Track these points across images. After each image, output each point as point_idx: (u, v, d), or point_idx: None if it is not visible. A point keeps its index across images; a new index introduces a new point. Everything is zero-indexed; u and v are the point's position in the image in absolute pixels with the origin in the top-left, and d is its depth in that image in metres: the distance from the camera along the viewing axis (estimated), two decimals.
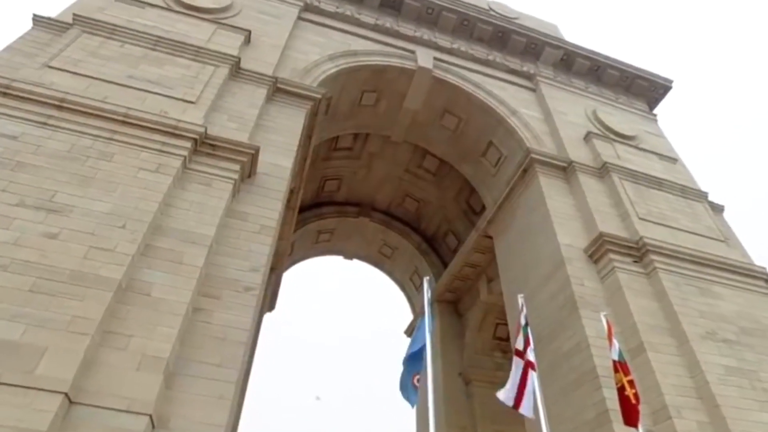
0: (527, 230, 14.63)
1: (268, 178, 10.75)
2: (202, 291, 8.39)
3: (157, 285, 7.77)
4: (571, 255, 12.64)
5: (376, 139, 20.31)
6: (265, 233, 9.73)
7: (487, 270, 18.92)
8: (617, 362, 7.95)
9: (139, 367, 6.86)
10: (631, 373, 7.86)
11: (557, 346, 11.73)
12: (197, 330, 7.94)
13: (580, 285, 11.97)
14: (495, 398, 18.15)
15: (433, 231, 22.86)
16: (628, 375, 7.61)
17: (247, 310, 8.53)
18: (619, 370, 7.80)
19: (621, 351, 8.25)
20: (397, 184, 22.20)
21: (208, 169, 9.80)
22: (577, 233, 13.37)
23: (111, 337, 7.00)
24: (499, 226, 16.45)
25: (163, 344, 7.18)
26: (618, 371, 7.80)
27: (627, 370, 7.72)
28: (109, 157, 8.92)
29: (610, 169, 15.10)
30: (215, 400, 7.33)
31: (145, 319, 7.34)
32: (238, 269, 8.95)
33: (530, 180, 15.21)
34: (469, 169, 18.77)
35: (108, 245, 7.66)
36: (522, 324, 8.33)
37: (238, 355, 7.92)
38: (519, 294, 13.97)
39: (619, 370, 7.77)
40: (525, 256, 14.34)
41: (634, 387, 7.54)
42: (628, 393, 7.39)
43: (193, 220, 8.82)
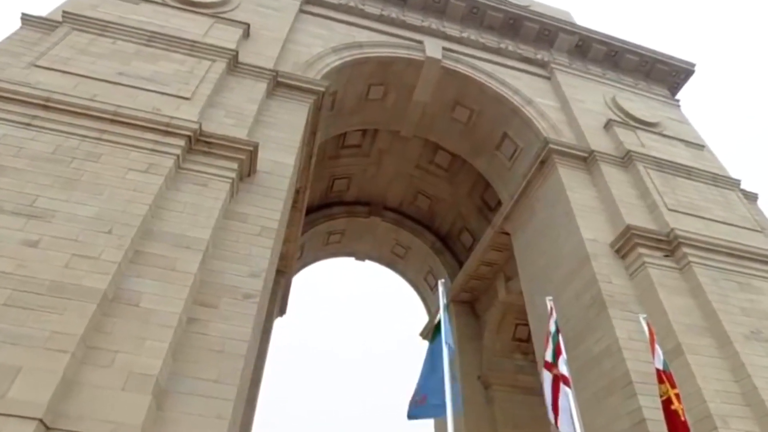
0: (547, 225, 13.77)
1: (269, 176, 10.08)
2: (198, 299, 7.73)
3: (147, 294, 7.12)
4: (596, 250, 11.76)
5: (385, 135, 19.58)
6: (267, 235, 9.04)
7: (505, 268, 18.06)
8: (662, 371, 7.07)
9: (126, 386, 6.21)
10: (677, 385, 6.95)
11: (585, 349, 10.87)
12: (192, 342, 7.27)
13: (608, 282, 11.10)
14: (516, 402, 17.46)
15: (447, 229, 22.05)
16: (675, 387, 6.73)
17: (247, 319, 7.84)
18: (664, 380, 6.93)
19: (665, 359, 7.36)
20: (409, 182, 21.43)
21: (204, 168, 9.15)
22: (602, 227, 12.49)
23: (94, 354, 6.36)
24: (517, 222, 15.59)
25: (152, 360, 6.52)
26: (663, 382, 6.93)
27: (673, 382, 6.84)
28: (96, 157, 8.31)
29: (634, 157, 14.17)
30: (212, 420, 6.66)
31: (133, 333, 6.69)
32: (236, 275, 8.27)
33: (549, 172, 14.34)
34: (483, 163, 17.93)
35: (92, 252, 7.03)
36: (551, 331, 7.47)
37: (237, 369, 7.24)
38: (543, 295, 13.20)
39: (665, 381, 6.89)
40: (546, 253, 13.48)
41: (681, 401, 6.64)
42: (676, 407, 6.51)
43: (187, 222, 8.16)
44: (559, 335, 7.39)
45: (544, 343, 7.52)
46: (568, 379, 6.74)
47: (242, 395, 7.95)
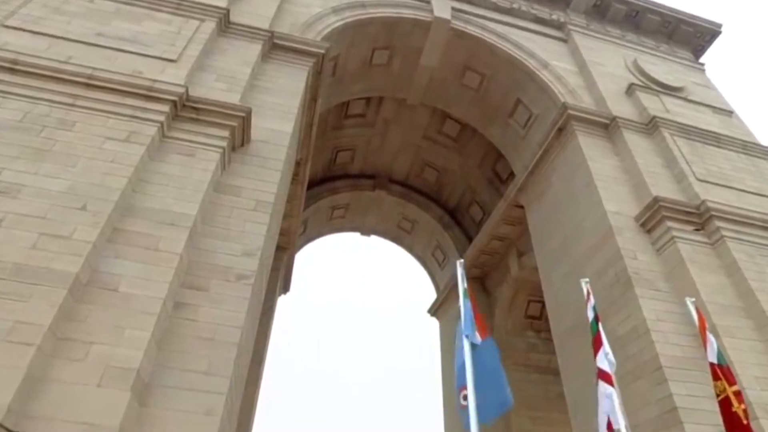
0: (566, 197, 12.86)
1: (264, 145, 9.19)
2: (185, 282, 6.97)
3: (127, 278, 6.35)
4: (620, 224, 10.88)
5: (391, 104, 18.53)
6: (262, 210, 8.22)
7: (518, 243, 17.23)
8: (717, 366, 6.24)
9: (102, 382, 5.50)
10: (737, 382, 6.12)
11: (609, 331, 9.98)
12: (179, 330, 6.54)
13: (633, 259, 10.25)
14: (529, 382, 16.84)
15: (456, 202, 21.16)
16: (734, 383, 5.92)
17: (241, 303, 7.08)
18: (720, 376, 6.11)
19: (721, 352, 6.52)
20: (416, 153, 20.47)
21: (192, 136, 8.27)
22: (626, 199, 11.57)
23: (66, 346, 5.63)
24: (532, 194, 14.68)
25: (132, 351, 5.80)
26: (719, 378, 6.11)
27: (732, 378, 6.02)
28: (69, 126, 7.45)
29: (660, 124, 13.15)
30: (202, 417, 5.96)
31: (111, 321, 5.96)
32: (229, 254, 7.49)
33: (567, 140, 13.35)
34: (495, 132, 16.92)
35: (63, 231, 6.25)
36: (590, 317, 6.60)
37: (229, 358, 6.51)
38: (560, 271, 12.44)
39: (721, 377, 6.08)
40: (564, 227, 12.61)
41: (742, 401, 5.83)
42: (736, 409, 5.70)
43: (172, 197, 7.34)
44: (599, 324, 6.54)
45: None
46: (611, 377, 5.92)
47: (237, 387, 7.27)
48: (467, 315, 5.77)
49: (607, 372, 5.84)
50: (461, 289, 6.24)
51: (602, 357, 6.03)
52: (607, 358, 5.99)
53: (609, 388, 5.72)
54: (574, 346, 11.31)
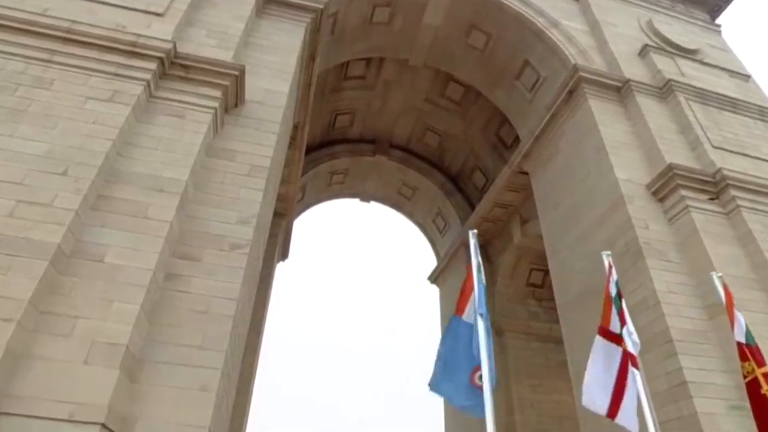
0: (574, 164, 12.38)
1: (260, 107, 8.65)
2: (177, 252, 6.59)
3: (113, 248, 5.96)
4: (631, 192, 10.45)
5: (392, 65, 17.76)
6: (258, 175, 7.75)
7: (521, 210, 16.83)
8: (745, 346, 5.93)
9: (89, 359, 5.19)
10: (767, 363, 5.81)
11: None
12: (171, 302, 6.20)
13: (644, 228, 9.88)
14: (530, 350, 16.78)
15: (458, 168, 20.64)
16: (762, 366, 5.62)
17: (236, 273, 6.72)
18: (748, 356, 5.80)
19: (750, 331, 6.20)
20: (417, 117, 19.80)
21: (181, 96, 7.72)
22: (637, 166, 11.11)
23: (49, 321, 5.29)
24: (538, 161, 14.18)
25: (121, 326, 5.46)
26: (747, 359, 5.80)
27: (761, 359, 5.72)
28: (47, 84, 6.89)
29: (675, 88, 12.53)
30: (196, 393, 5.68)
31: (97, 294, 5.60)
32: (222, 222, 7.08)
33: (577, 104, 12.76)
34: (501, 95, 16.26)
35: (43, 198, 5.81)
36: (612, 294, 6.24)
37: (225, 332, 6.20)
38: (566, 239, 12.08)
39: (749, 357, 5.77)
40: (572, 195, 12.18)
41: None
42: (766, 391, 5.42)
43: (161, 161, 6.87)
44: (622, 300, 6.17)
45: (603, 310, 6.30)
46: (636, 358, 5.59)
47: (234, 361, 6.99)
48: (481, 291, 5.37)
49: (631, 353, 5.51)
50: (474, 262, 5.81)
51: (626, 336, 5.68)
52: (632, 338, 5.65)
53: (633, 370, 5.41)
54: (579, 316, 11.09)
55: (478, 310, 5.16)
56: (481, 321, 5.07)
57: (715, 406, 7.86)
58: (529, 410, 15.29)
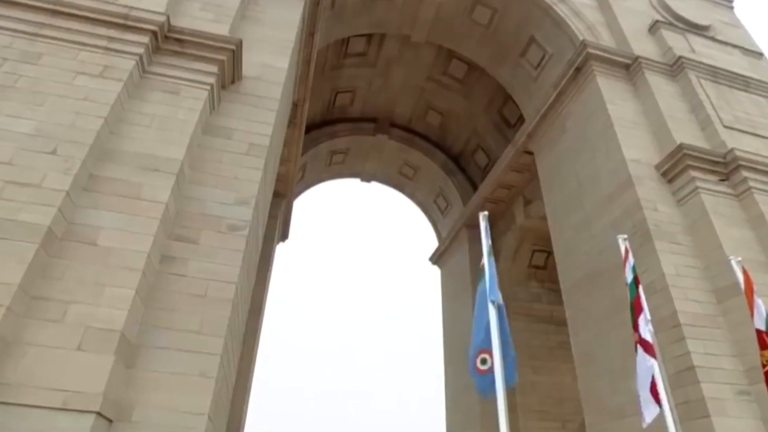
0: (580, 144, 12.09)
1: (257, 83, 8.33)
2: (173, 234, 6.37)
3: (106, 230, 5.74)
4: (640, 173, 10.19)
5: (394, 41, 17.29)
6: (256, 154, 7.48)
7: (525, 191, 16.58)
8: (765, 333, 5.75)
9: (82, 345, 5.01)
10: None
11: (623, 285, 9.62)
12: (167, 286, 6.01)
13: (653, 210, 9.65)
14: (532, 332, 16.70)
15: (460, 148, 20.32)
16: None
17: (235, 256, 6.51)
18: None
19: None
20: (419, 95, 19.40)
21: (176, 72, 7.40)
22: (646, 146, 10.83)
23: (40, 306, 5.10)
24: (543, 140, 13.87)
25: (115, 311, 5.27)
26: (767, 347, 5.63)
27: None
28: (35, 58, 6.58)
29: (686, 65, 12.17)
30: (195, 378, 5.53)
31: (90, 278, 5.40)
32: (220, 203, 6.84)
33: (584, 82, 12.39)
34: (505, 72, 15.85)
35: (32, 179, 5.56)
36: (628, 281, 6.02)
37: (223, 316, 6.01)
38: (571, 220, 11.85)
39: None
40: (578, 175, 11.92)
41: None
42: None
43: (155, 139, 6.60)
44: (638, 287, 5.96)
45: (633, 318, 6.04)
46: (653, 347, 5.41)
47: (234, 345, 6.84)
48: (492, 275, 5.13)
49: (648, 341, 5.32)
50: (485, 245, 5.56)
51: (643, 324, 5.48)
52: (648, 327, 5.45)
53: (651, 359, 5.22)
54: (584, 299, 10.95)
55: (489, 297, 4.94)
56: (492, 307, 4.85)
57: (722, 391, 7.75)
58: (530, 392, 15.28)
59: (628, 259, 6.19)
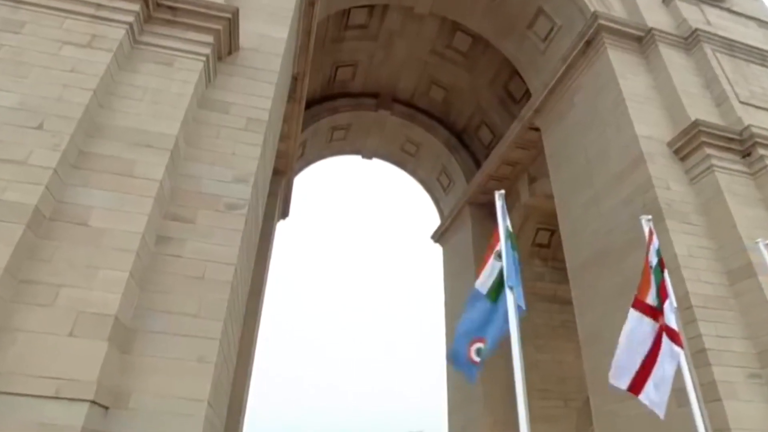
0: (590, 119, 11.70)
1: (255, 54, 7.93)
2: (169, 213, 6.09)
3: (98, 210, 5.45)
4: (652, 150, 9.86)
5: (396, 13, 16.71)
6: (255, 129, 7.15)
7: (530, 168, 16.25)
8: None
9: (74, 331, 4.77)
10: None
11: (632, 265, 9.37)
12: (163, 268, 5.75)
13: (665, 189, 9.35)
14: (534, 311, 16.55)
15: (464, 124, 19.88)
16: None
17: (233, 236, 6.24)
18: None
19: None
20: (422, 69, 18.87)
21: (169, 42, 7.01)
22: (659, 122, 10.47)
23: (30, 290, 4.85)
24: (550, 116, 13.48)
25: (108, 295, 5.02)
26: None
27: None
28: (17, 27, 6.18)
29: (701, 38, 11.71)
30: (193, 364, 5.32)
31: (82, 261, 5.13)
32: (217, 180, 6.54)
33: (595, 55, 11.94)
34: (511, 46, 15.33)
35: (17, 155, 5.25)
36: (652, 264, 5.74)
37: (222, 299, 5.78)
38: (580, 199, 11.55)
39: None
40: (586, 152, 11.57)
41: None
42: None
43: (148, 113, 6.26)
44: (664, 271, 5.68)
45: (641, 280, 5.82)
46: (679, 335, 5.16)
47: (234, 328, 6.63)
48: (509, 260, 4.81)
49: (674, 329, 5.09)
50: (502, 227, 5.20)
51: (669, 311, 5.23)
52: (675, 314, 5.21)
53: (677, 348, 4.99)
54: (591, 279, 10.73)
55: (507, 283, 4.62)
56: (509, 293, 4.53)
57: (733, 374, 7.59)
58: (533, 370, 15.20)
59: (652, 241, 5.90)
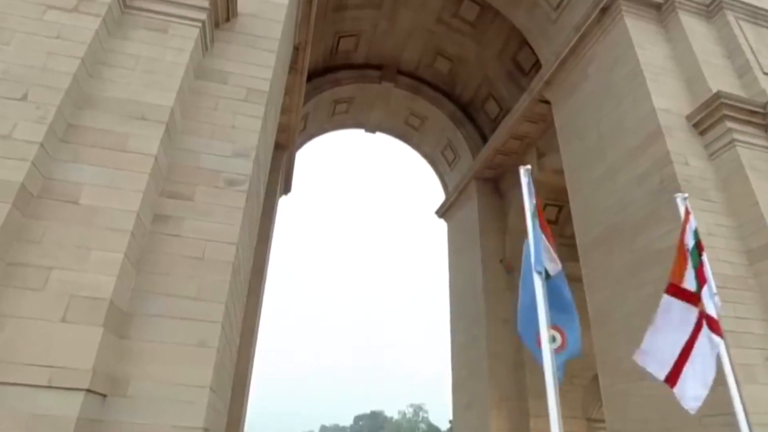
0: (604, 91, 11.23)
1: (255, 21, 7.46)
2: (165, 190, 5.76)
3: (89, 186, 5.11)
4: (670, 123, 9.44)
5: None
6: (255, 100, 6.74)
7: (538, 143, 15.81)
8: None
9: (67, 316, 4.49)
10: None
11: (646, 243, 9.12)
12: (161, 248, 5.45)
13: (684, 164, 8.97)
14: None
15: (470, 97, 19.33)
16: None
17: (234, 213, 5.92)
18: None
19: None
20: (428, 40, 18.23)
21: (162, 7, 6.54)
22: (678, 94, 10.01)
23: (18, 273, 4.55)
24: (562, 88, 12.98)
25: (102, 277, 4.73)
26: None
27: None
28: None
29: (724, 4, 11.13)
30: (194, 349, 5.06)
31: (73, 241, 4.83)
32: (216, 155, 6.18)
33: (611, 24, 11.39)
34: (521, 14, 14.70)
35: (1, 129, 4.88)
36: (689, 245, 5.38)
37: (223, 281, 5.49)
38: (591, 174, 11.17)
39: None
40: (600, 126, 11.14)
41: None
42: None
43: (141, 83, 5.86)
44: (702, 254, 5.33)
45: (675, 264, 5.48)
46: (718, 323, 4.85)
47: (236, 310, 6.37)
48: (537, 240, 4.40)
49: (713, 318, 4.79)
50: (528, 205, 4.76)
51: (707, 298, 4.92)
52: (713, 300, 4.90)
53: (716, 338, 4.70)
54: (603, 257, 10.45)
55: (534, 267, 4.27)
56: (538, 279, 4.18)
57: (752, 356, 7.37)
58: None
59: (688, 221, 5.54)
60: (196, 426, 4.73)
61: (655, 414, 8.35)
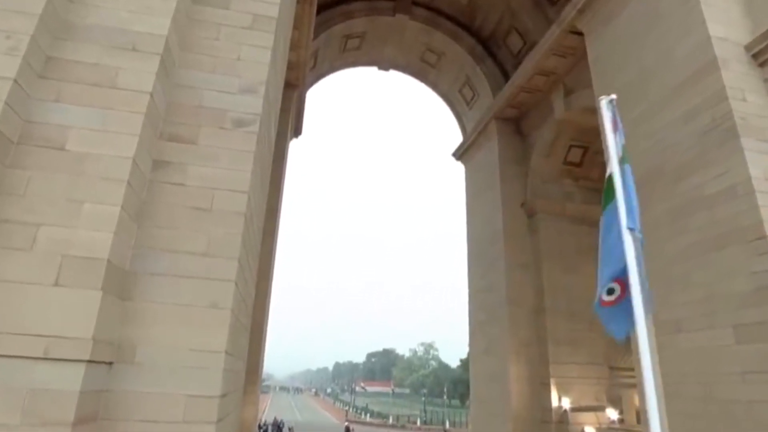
0: (648, 18, 10.06)
1: None
2: (165, 132, 5.09)
3: (77, 130, 4.44)
4: (726, 54, 8.41)
5: None
6: (263, 28, 5.91)
7: (566, 79, 14.68)
8: None
9: (60, 278, 3.96)
10: None
11: (692, 187, 8.36)
12: (163, 198, 4.86)
13: (741, 100, 8.04)
14: (562, 232, 15.67)
15: (491, 30, 17.94)
16: None
17: (244, 158, 5.27)
18: None
19: None
20: None
21: None
22: (736, 21, 8.88)
23: (1, 231, 3.99)
24: (597, 16, 11.74)
25: (97, 233, 4.16)
26: None
27: None
28: None
29: None
30: (205, 310, 4.58)
31: (62, 193, 4.22)
32: (221, 91, 5.46)
33: None
34: None
35: None
36: None
37: (235, 234, 4.93)
38: (629, 113, 10.23)
39: None
40: (641, 58, 10.07)
41: None
42: None
43: (130, 9, 5.04)
44: None
45: None
46: None
47: (250, 264, 5.84)
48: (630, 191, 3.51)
49: None
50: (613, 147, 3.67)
51: None
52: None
53: None
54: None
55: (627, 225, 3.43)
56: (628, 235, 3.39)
57: None
58: (560, 293, 14.73)
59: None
60: (213, 395, 4.32)
61: (691, 368, 7.94)
